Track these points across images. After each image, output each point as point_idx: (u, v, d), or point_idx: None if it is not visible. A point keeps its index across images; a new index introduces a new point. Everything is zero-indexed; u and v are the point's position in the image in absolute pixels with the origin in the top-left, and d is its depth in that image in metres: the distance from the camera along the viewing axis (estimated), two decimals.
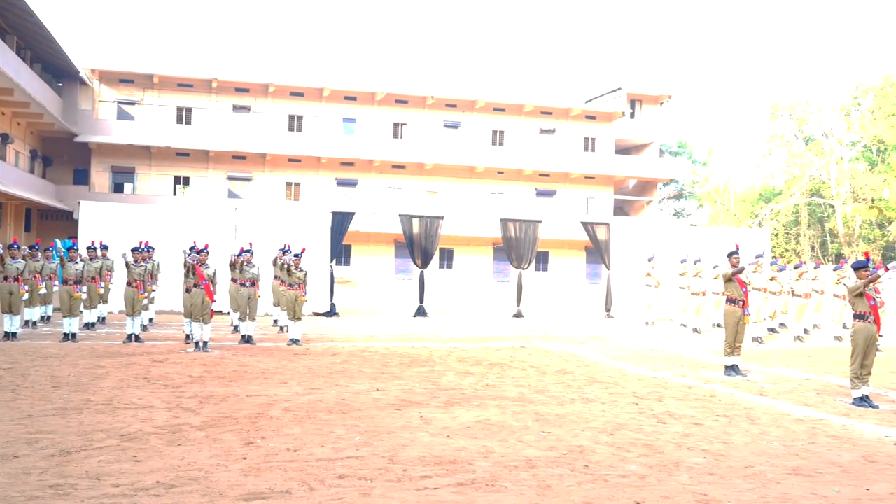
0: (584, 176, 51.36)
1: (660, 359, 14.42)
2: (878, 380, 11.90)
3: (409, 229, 23.03)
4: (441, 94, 49.00)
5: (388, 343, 15.86)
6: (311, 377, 11.02)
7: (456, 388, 10.42)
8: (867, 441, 7.90)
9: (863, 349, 10.03)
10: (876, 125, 48.99)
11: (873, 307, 10.07)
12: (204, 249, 14.13)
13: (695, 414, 9.07)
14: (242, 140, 45.46)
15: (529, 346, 15.91)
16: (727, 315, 12.50)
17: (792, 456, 7.17)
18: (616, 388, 10.76)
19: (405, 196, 48.94)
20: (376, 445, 7.12)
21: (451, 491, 5.80)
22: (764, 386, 11.37)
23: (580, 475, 6.31)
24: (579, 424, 8.29)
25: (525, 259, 23.92)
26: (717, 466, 6.72)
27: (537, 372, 12.23)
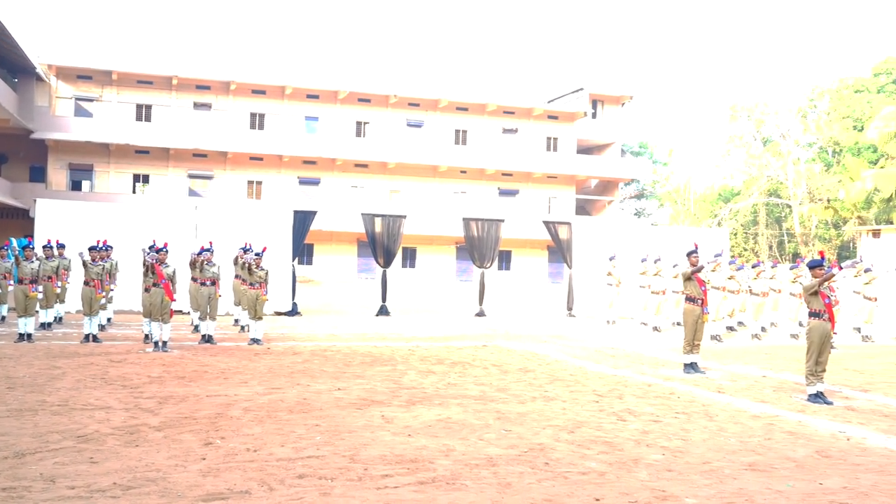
0: (546, 175, 51.63)
1: (620, 357, 14.55)
2: (832, 377, 12.13)
3: (372, 228, 22.97)
4: (404, 93, 48.99)
5: (350, 342, 15.81)
6: (271, 377, 10.95)
7: (418, 387, 10.42)
8: (821, 437, 8.04)
9: (818, 347, 10.20)
10: (831, 127, 49.87)
11: (828, 305, 10.25)
12: (163, 248, 13.98)
13: (654, 411, 9.16)
14: (203, 138, 45.03)
15: (491, 345, 15.96)
16: (686, 313, 12.65)
17: (748, 452, 7.28)
18: (577, 387, 10.83)
19: (368, 195, 48.83)
20: (337, 445, 7.09)
21: (412, 490, 5.80)
22: (722, 383, 11.52)
23: (540, 473, 6.35)
24: (540, 422, 8.34)
25: (487, 258, 23.98)
26: (675, 463, 6.80)
27: (499, 370, 12.27)
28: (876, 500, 5.87)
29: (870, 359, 15.25)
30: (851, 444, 7.71)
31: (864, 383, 11.90)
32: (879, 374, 13.10)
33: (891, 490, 6.13)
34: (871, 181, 42.69)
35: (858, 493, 6.03)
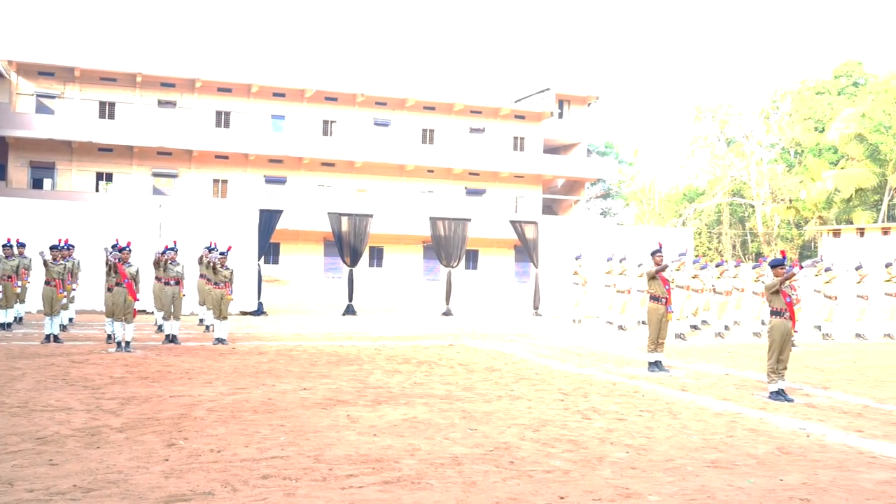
0: (513, 175, 51.80)
1: (586, 356, 14.64)
2: (793, 374, 12.31)
3: (338, 227, 22.88)
4: (371, 92, 48.86)
5: (316, 342, 15.74)
6: (236, 377, 10.87)
7: (384, 386, 10.40)
8: (782, 433, 8.15)
9: (779, 345, 10.34)
10: (793, 128, 50.59)
11: (789, 304, 10.39)
12: (126, 247, 13.81)
13: (619, 409, 9.23)
14: (168, 136, 44.57)
15: (458, 344, 15.98)
16: (650, 312, 12.75)
17: (711, 449, 7.36)
18: (542, 385, 10.88)
19: (335, 194, 48.64)
20: (302, 445, 7.06)
21: (377, 489, 5.79)
22: (686, 381, 11.64)
23: (505, 471, 6.37)
24: (505, 421, 8.36)
25: (454, 257, 24.00)
26: (638, 460, 6.85)
27: (465, 370, 12.29)
28: (834, 496, 5.96)
29: (829, 356, 15.50)
30: (811, 441, 7.83)
31: (824, 381, 12.08)
32: (839, 371, 13.32)
33: (849, 485, 6.23)
34: (831, 182, 43.38)
35: (817, 489, 6.12)
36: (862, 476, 6.52)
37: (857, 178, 42.02)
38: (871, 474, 6.59)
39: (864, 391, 11.10)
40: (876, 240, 33.63)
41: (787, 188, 47.93)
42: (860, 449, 7.53)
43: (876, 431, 8.36)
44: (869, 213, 43.83)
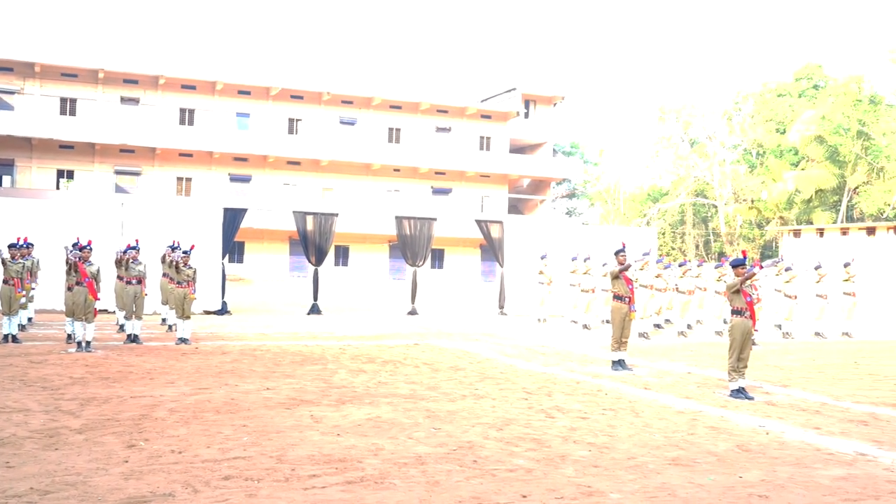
0: (479, 174, 51.92)
1: (550, 354, 14.71)
2: (754, 373, 12.45)
3: (303, 226, 22.76)
4: (337, 90, 48.69)
5: (280, 341, 15.65)
6: (199, 377, 10.77)
7: (348, 386, 10.37)
8: (742, 431, 8.26)
9: (740, 343, 10.47)
10: (755, 129, 51.25)
11: (749, 303, 10.53)
12: (87, 246, 13.62)
13: (582, 408, 9.29)
14: (131, 133, 44.07)
15: (423, 344, 15.98)
16: (613, 311, 12.85)
17: (672, 447, 7.43)
18: (507, 384, 10.92)
19: (300, 193, 48.41)
20: (264, 445, 7.02)
21: (340, 489, 5.78)
22: (649, 380, 11.74)
23: (469, 470, 6.38)
24: (469, 420, 8.38)
25: (420, 257, 23.99)
26: (601, 458, 6.90)
27: (430, 369, 12.29)
28: (792, 492, 6.05)
29: (789, 355, 15.72)
30: (770, 438, 7.94)
31: (784, 379, 12.26)
32: (798, 369, 13.51)
33: (806, 482, 6.33)
34: (791, 182, 44.03)
35: (776, 486, 6.21)
36: (819, 472, 6.63)
37: (816, 180, 42.69)
38: (827, 470, 6.70)
39: (823, 389, 11.28)
40: (835, 240, 34.19)
41: (749, 189, 48.56)
42: (817, 446, 7.65)
43: (833, 428, 8.50)
44: (829, 214, 44.55)
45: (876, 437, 8.14)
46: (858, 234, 33.47)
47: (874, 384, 12.03)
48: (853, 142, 41.09)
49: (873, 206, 38.92)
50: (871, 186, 39.79)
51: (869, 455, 7.33)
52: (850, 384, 11.92)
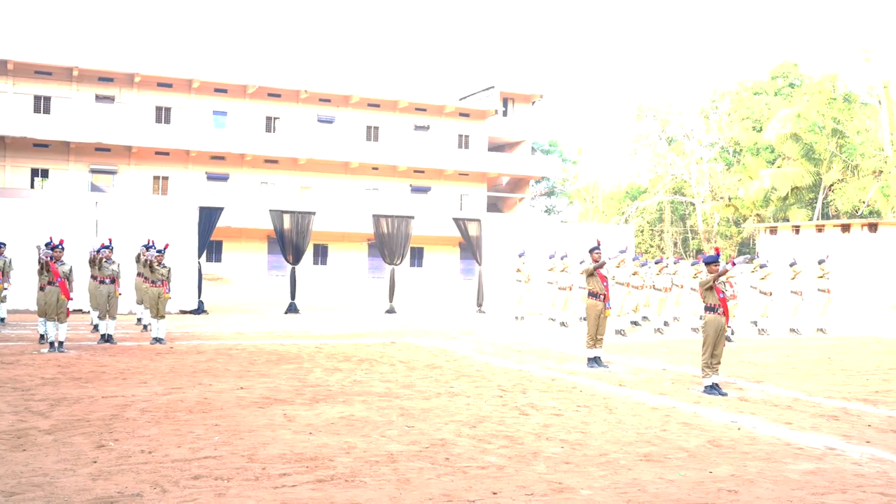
0: (458, 173, 51.93)
1: (527, 352, 14.72)
2: (728, 369, 12.56)
3: (280, 225, 22.66)
4: (315, 88, 48.51)
5: (256, 341, 15.57)
6: (172, 376, 10.70)
7: (323, 384, 10.33)
8: (714, 427, 8.30)
9: (713, 340, 10.53)
10: (732, 128, 51.59)
11: (723, 300, 10.59)
12: (59, 245, 13.49)
13: (556, 405, 9.31)
14: (106, 132, 43.71)
15: (400, 342, 15.95)
16: (589, 309, 12.88)
17: (644, 443, 7.46)
18: (482, 382, 10.92)
19: (278, 191, 48.23)
20: (236, 444, 6.98)
21: (310, 488, 5.75)
22: (624, 377, 11.78)
23: (440, 468, 6.37)
24: (443, 418, 8.37)
25: (398, 255, 23.95)
26: (573, 455, 6.92)
27: (406, 367, 12.27)
28: (761, 487, 6.09)
29: (764, 351, 15.83)
30: (742, 434, 7.98)
31: (758, 375, 12.34)
32: (772, 365, 13.61)
33: (775, 476, 6.37)
34: (768, 180, 44.36)
35: (745, 481, 6.24)
36: (788, 467, 6.68)
37: (792, 177, 43.04)
38: (797, 465, 6.75)
39: (796, 384, 11.36)
40: (811, 237, 34.50)
41: (726, 186, 48.88)
42: (788, 441, 7.71)
43: (804, 424, 8.57)
44: (805, 211, 44.93)
45: (845, 431, 8.21)
46: (833, 231, 33.79)
47: (847, 379, 12.14)
48: (828, 140, 41.46)
49: (848, 204, 39.30)
50: (846, 184, 40.18)
51: (838, 449, 7.39)
52: (823, 380, 12.02)
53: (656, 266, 20.21)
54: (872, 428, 8.44)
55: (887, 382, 11.90)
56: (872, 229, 32.28)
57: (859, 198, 38.88)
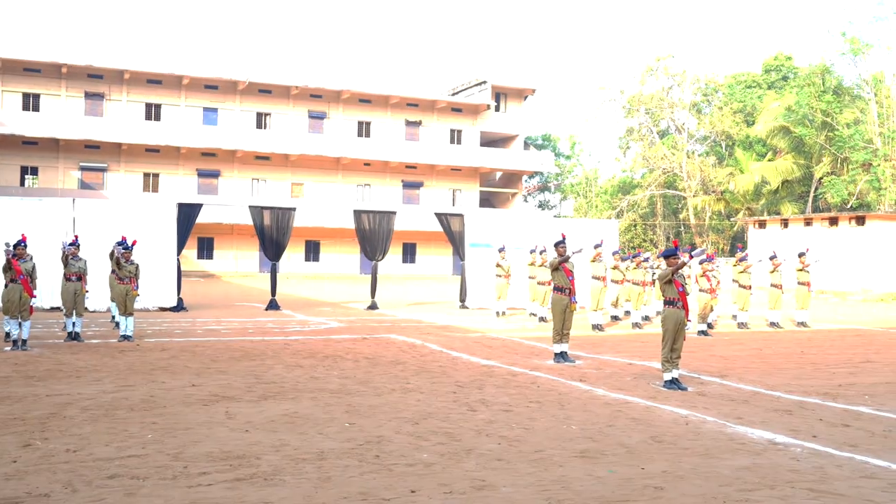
0: (450, 168, 51.81)
1: (497, 347, 14.62)
2: (696, 363, 12.50)
3: (260, 221, 22.58)
4: (306, 84, 48.36)
5: (227, 337, 15.47)
6: (129, 374, 10.60)
7: (278, 381, 10.23)
8: (662, 422, 8.19)
9: (672, 334, 10.40)
10: (723, 121, 51.37)
11: (682, 294, 10.47)
12: (21, 242, 13.39)
13: (509, 401, 9.20)
14: (96, 129, 43.62)
15: (373, 338, 15.84)
16: (554, 303, 12.77)
17: (586, 439, 7.35)
18: (441, 378, 10.81)
19: (270, 188, 48.13)
20: (166, 443, 6.87)
21: (225, 487, 5.65)
22: (587, 372, 11.68)
23: (366, 466, 6.27)
24: (389, 415, 8.27)
25: (380, 251, 23.85)
26: (507, 452, 6.81)
27: (369, 363, 12.17)
28: (689, 483, 5.98)
29: (738, 345, 15.73)
30: (687, 429, 7.88)
31: (724, 369, 12.23)
32: (742, 359, 13.50)
33: (708, 472, 6.26)
34: (758, 174, 44.19)
35: (676, 477, 6.13)
36: (724, 463, 6.57)
37: (783, 170, 42.85)
38: (733, 461, 6.64)
39: (760, 379, 11.26)
40: (799, 231, 34.35)
41: (717, 180, 48.71)
42: (733, 436, 7.60)
43: (755, 418, 8.46)
44: (796, 205, 44.76)
45: (795, 426, 8.11)
46: (821, 224, 33.63)
47: (814, 373, 12.04)
48: (818, 133, 41.26)
49: (837, 197, 39.13)
50: (835, 177, 40.00)
51: (781, 444, 7.29)
52: (789, 373, 11.92)
53: (633, 260, 20.08)
54: (823, 422, 8.34)
55: (853, 376, 11.80)
56: (860, 222, 32.13)
57: (848, 191, 38.72)
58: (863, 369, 12.60)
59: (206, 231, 44.21)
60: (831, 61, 41.34)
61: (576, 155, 63.00)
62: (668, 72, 53.00)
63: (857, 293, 31.84)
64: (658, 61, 53.53)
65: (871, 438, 7.62)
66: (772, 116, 43.76)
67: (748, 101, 50.69)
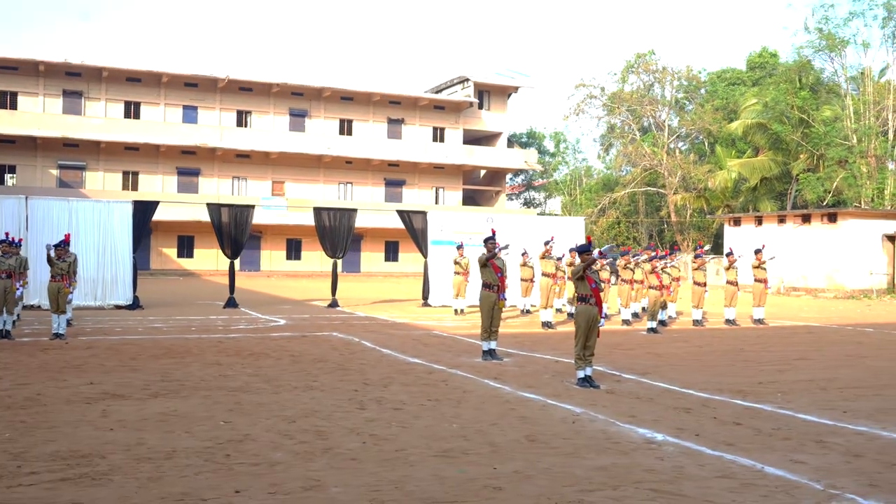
0: (433, 166, 51.60)
1: (434, 345, 14.45)
2: (626, 361, 12.32)
3: (218, 218, 22.41)
4: (287, 81, 48.16)
5: (165, 336, 15.29)
6: (36, 372, 10.43)
7: (183, 379, 10.04)
8: (549, 421, 8.01)
9: (584, 331, 10.23)
10: (705, 118, 51.12)
11: (594, 290, 10.29)
12: None
13: (406, 399, 9.02)
14: (74, 127, 43.46)
15: (313, 335, 15.67)
16: (482, 300, 12.58)
17: (458, 438, 7.17)
18: (353, 375, 10.63)
19: (251, 186, 47.95)
20: (19, 441, 6.70)
21: (45, 487, 5.46)
22: (508, 370, 11.50)
23: (209, 465, 6.09)
24: (272, 412, 8.10)
25: (340, 248, 23.67)
26: (366, 451, 6.62)
27: (291, 360, 12.00)
28: (533, 483, 5.80)
29: (681, 343, 15.57)
30: (570, 428, 7.69)
31: (651, 367, 12.04)
32: (676, 357, 13.32)
33: (560, 473, 6.08)
34: (736, 171, 43.99)
35: (523, 477, 5.95)
36: (583, 462, 6.39)
37: (760, 168, 42.64)
38: (595, 461, 6.46)
39: (680, 376, 11.07)
40: (772, 229, 34.13)
41: (698, 177, 48.48)
42: (612, 435, 7.42)
43: (648, 416, 8.28)
44: (775, 202, 44.54)
45: (685, 424, 7.93)
46: (794, 223, 33.41)
47: (741, 370, 11.87)
48: (794, 129, 41.02)
49: (813, 194, 38.91)
50: (811, 174, 39.77)
51: (656, 444, 7.11)
52: (716, 371, 11.76)
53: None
54: (716, 420, 8.16)
55: (780, 373, 11.63)
56: (832, 220, 31.93)
57: (825, 188, 38.49)
58: (794, 366, 12.42)
59: (187, 230, 44.12)
60: (807, 57, 41.10)
61: (561, 153, 62.72)
62: (649, 68, 52.76)
63: (828, 291, 31.66)
64: (638, 58, 53.34)
65: (755, 437, 7.44)
66: (750, 113, 43.54)
67: (731, 98, 50.43)
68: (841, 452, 6.91)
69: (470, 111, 52.84)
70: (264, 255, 47.66)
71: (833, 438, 7.43)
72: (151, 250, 45.76)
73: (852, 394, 9.94)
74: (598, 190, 56.80)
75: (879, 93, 38.54)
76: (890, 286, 31.83)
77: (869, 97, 38.96)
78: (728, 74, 54.39)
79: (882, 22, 37.45)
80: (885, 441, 7.38)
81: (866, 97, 39.19)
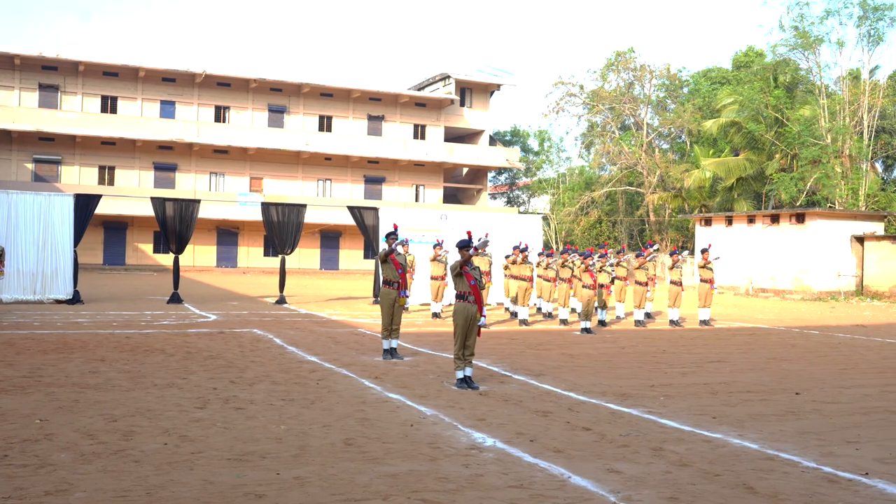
0: (413, 163, 51.23)
1: (347, 343, 14.11)
2: (533, 361, 11.94)
3: (163, 213, 22.05)
4: (266, 77, 47.80)
5: (80, 331, 14.92)
6: None
7: (47, 375, 9.70)
8: (387, 423, 7.65)
9: (463, 330, 9.85)
10: (684, 117, 50.64)
11: (474, 287, 9.92)
12: None
13: (264, 398, 8.67)
14: (50, 121, 43.17)
15: (231, 332, 15.30)
16: (382, 297, 12.25)
17: (271, 441, 6.80)
18: (235, 374, 10.26)
19: (228, 182, 47.65)
20: None
21: None
22: (397, 369, 11.13)
23: None
24: (100, 411, 7.76)
25: (288, 244, 23.30)
26: (158, 454, 6.27)
27: (182, 356, 11.68)
28: (303, 491, 5.42)
29: (607, 343, 15.22)
30: (403, 431, 7.34)
31: (553, 368, 11.67)
32: (589, 358, 12.96)
33: (348, 479, 5.73)
34: (710, 170, 43.56)
35: (300, 483, 5.58)
36: (378, 469, 6.03)
37: (734, 167, 42.18)
38: (394, 467, 6.10)
39: (573, 379, 10.70)
40: (742, 229, 33.70)
41: (675, 177, 48.01)
42: (446, 439, 7.06)
43: (497, 420, 7.92)
44: (751, 202, 44.07)
45: (528, 429, 7.55)
46: (762, 223, 32.96)
47: (644, 373, 11.51)
48: (769, 129, 40.54)
49: (787, 194, 38.43)
50: (784, 174, 39.30)
51: (478, 449, 6.76)
52: (615, 373, 11.39)
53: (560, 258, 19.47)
54: (568, 425, 7.80)
55: (682, 376, 11.28)
56: (800, 220, 31.47)
57: (798, 188, 38.02)
58: (702, 369, 12.06)
59: None
60: (782, 55, 40.61)
61: (545, 151, 62.25)
62: (628, 66, 52.29)
63: (796, 292, 31.21)
64: (618, 56, 52.86)
65: (593, 444, 7.08)
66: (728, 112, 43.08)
67: (713, 97, 49.90)
68: (671, 461, 6.55)
69: (451, 108, 52.47)
70: (241, 252, 47.40)
71: (675, 446, 7.07)
72: (127, 245, 45.56)
73: (739, 398, 9.57)
74: (580, 189, 56.32)
75: (853, 92, 38.07)
76: (858, 288, 31.38)
77: (844, 96, 38.50)
78: (713, 73, 53.87)
79: (857, 21, 36.95)
80: (729, 449, 7.01)
81: (840, 97, 38.74)
